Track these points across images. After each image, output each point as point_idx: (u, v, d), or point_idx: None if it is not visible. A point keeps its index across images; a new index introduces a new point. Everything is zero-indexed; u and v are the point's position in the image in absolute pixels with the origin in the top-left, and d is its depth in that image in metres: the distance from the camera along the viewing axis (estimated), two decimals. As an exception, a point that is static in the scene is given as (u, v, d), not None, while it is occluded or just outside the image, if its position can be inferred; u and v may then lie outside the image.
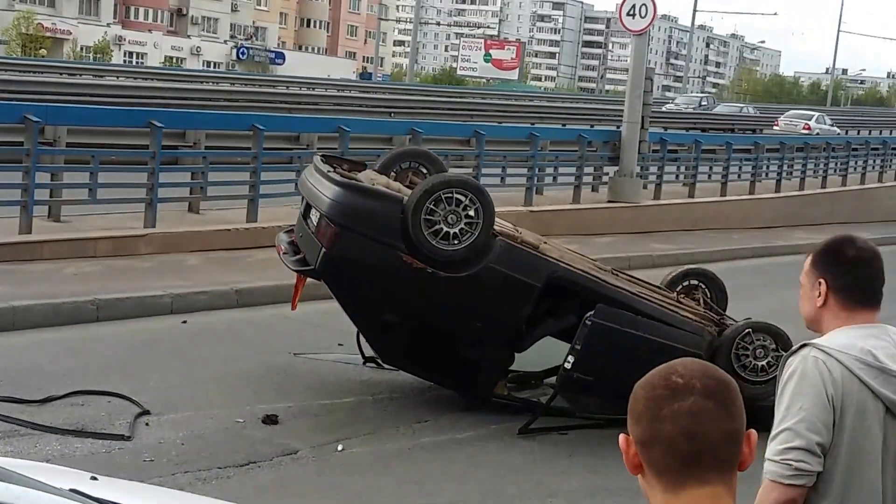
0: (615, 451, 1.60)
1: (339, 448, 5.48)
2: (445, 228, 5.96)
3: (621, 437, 1.48)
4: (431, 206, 5.94)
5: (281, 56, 64.89)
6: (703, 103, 36.68)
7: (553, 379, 6.34)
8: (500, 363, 6.31)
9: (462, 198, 6.00)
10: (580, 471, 5.59)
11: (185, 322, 7.77)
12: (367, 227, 5.97)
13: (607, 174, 15.13)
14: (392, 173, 6.93)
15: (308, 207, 6.45)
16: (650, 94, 15.33)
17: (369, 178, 6.58)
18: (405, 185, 6.61)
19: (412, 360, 6.36)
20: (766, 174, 18.38)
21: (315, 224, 6.17)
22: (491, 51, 70.73)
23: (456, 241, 5.95)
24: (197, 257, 9.59)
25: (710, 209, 16.02)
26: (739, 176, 17.65)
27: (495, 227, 6.23)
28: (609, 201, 14.68)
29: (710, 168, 17.30)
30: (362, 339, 6.72)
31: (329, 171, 6.32)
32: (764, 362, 6.12)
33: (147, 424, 5.51)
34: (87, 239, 9.13)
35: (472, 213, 6.00)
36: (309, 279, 6.57)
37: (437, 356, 6.35)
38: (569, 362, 5.87)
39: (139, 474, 4.82)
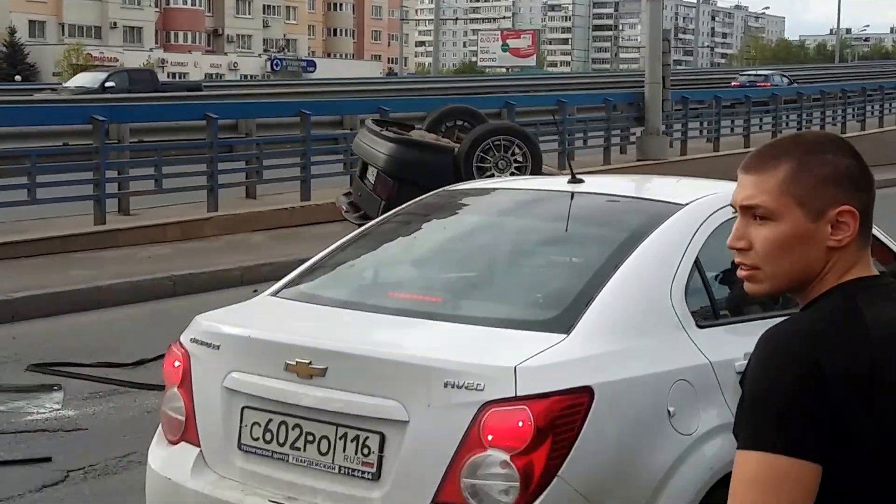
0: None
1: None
2: (497, 174, 5.91)
3: (835, 212, 1.31)
4: (482, 154, 5.92)
5: (312, 64, 64.99)
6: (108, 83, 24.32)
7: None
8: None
9: (509, 144, 5.96)
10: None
11: (255, 291, 7.75)
12: (423, 178, 5.94)
13: (634, 133, 14.93)
14: (439, 133, 6.88)
15: (364, 167, 6.43)
16: (669, 55, 15.08)
17: (420, 135, 6.54)
18: (453, 142, 6.56)
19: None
20: (787, 124, 18.07)
21: (373, 181, 6.16)
22: (508, 41, 70.19)
23: None
24: (259, 236, 9.61)
25: (736, 161, 15.61)
26: (761, 128, 17.35)
27: (543, 170, 6.16)
28: (638, 160, 14.48)
29: (732, 122, 17.03)
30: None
31: (382, 131, 6.30)
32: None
33: (234, 377, 5.51)
34: (157, 225, 9.21)
35: (520, 157, 5.97)
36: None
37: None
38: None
39: (233, 419, 4.82)
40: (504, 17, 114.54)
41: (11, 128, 9.15)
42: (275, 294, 2.96)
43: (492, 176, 5.91)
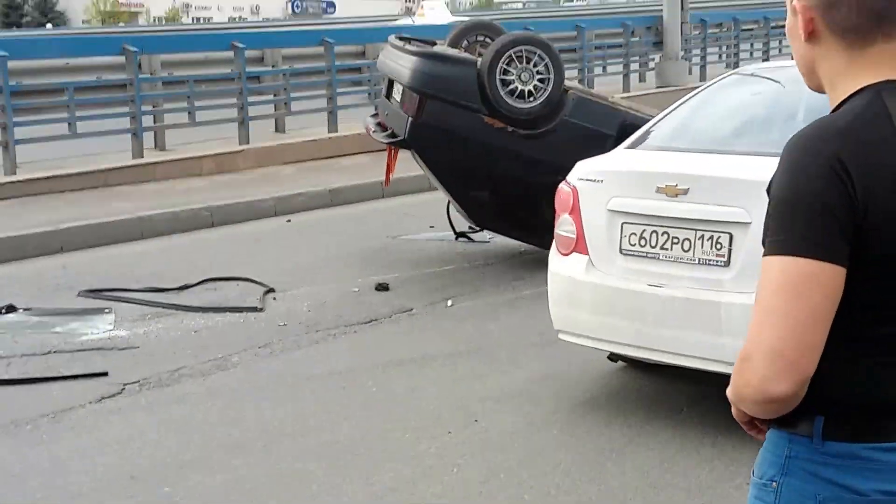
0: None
1: (449, 304, 5.47)
2: (520, 87, 5.85)
3: (794, 3, 1.28)
4: (504, 66, 5.84)
5: (332, 5, 64.12)
6: None
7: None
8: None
9: (531, 55, 5.88)
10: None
11: (289, 221, 7.82)
12: (449, 92, 5.88)
13: (653, 59, 14.62)
14: (461, 48, 6.77)
15: (390, 84, 6.35)
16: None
17: (443, 49, 6.47)
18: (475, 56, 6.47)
19: (503, 221, 6.26)
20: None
21: (399, 98, 6.09)
22: (525, -25, 68.58)
23: (531, 98, 5.86)
24: (290, 168, 9.61)
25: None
26: (780, 51, 16.95)
27: (565, 84, 6.08)
28: (658, 87, 14.21)
29: (751, 45, 16.63)
30: (453, 216, 6.65)
31: (406, 45, 6.21)
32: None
33: (275, 299, 5.56)
34: (193, 158, 9.23)
35: (542, 69, 5.88)
36: (399, 160, 6.51)
37: (527, 215, 6.24)
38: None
39: (276, 336, 4.87)
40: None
41: (46, 60, 9.05)
42: (628, 148, 3.98)
43: (515, 90, 5.81)
